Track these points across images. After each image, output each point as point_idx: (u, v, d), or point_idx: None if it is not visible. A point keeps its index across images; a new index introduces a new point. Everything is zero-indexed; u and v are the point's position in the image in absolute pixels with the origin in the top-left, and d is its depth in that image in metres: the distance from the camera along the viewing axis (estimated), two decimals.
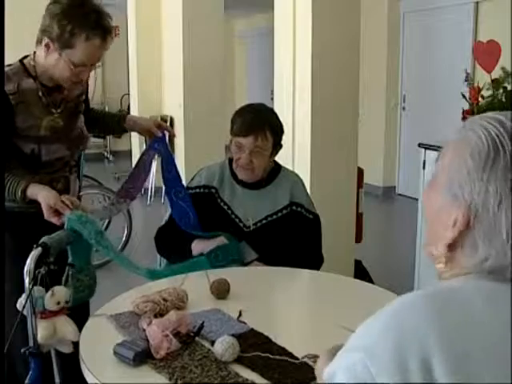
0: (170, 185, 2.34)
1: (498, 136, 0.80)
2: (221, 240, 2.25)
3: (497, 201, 0.78)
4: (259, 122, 2.27)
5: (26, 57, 2.11)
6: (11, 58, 2.13)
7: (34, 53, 2.08)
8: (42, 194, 1.93)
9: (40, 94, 2.07)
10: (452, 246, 0.86)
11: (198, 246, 2.27)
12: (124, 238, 4.91)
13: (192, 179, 2.45)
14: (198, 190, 2.39)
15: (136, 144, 7.43)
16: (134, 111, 7.58)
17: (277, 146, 2.34)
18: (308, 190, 2.52)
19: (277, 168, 2.43)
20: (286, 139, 2.42)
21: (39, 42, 2.02)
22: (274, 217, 2.34)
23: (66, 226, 1.80)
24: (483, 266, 0.82)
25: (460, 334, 0.78)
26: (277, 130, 2.32)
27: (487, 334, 0.79)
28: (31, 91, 2.05)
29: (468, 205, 0.81)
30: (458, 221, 0.83)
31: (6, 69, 2.04)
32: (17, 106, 2.01)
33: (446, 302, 0.81)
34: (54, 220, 1.91)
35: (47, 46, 1.99)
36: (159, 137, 2.32)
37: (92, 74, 2.20)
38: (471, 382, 0.75)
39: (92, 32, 1.95)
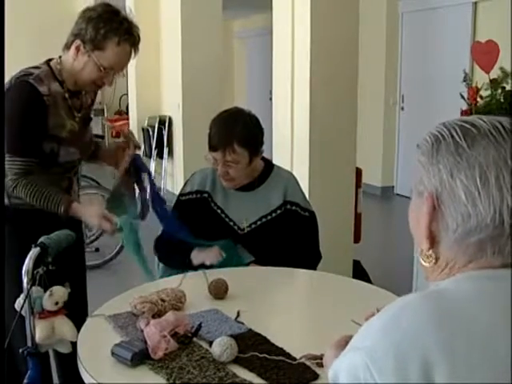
0: (156, 202, 2.30)
1: (438, 131, 0.91)
2: (217, 253, 2.22)
3: (449, 173, 0.86)
4: (226, 138, 2.21)
5: (51, 59, 2.16)
6: (11, 58, 2.14)
7: (60, 57, 2.14)
8: (86, 217, 2.08)
9: (66, 96, 2.14)
10: (432, 240, 0.90)
11: (199, 257, 2.24)
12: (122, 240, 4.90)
13: (184, 185, 2.44)
14: (190, 196, 2.38)
15: None
16: (133, 112, 7.59)
17: (255, 152, 2.28)
18: (306, 190, 2.51)
19: (268, 167, 2.41)
20: (284, 139, 2.42)
21: (68, 46, 2.10)
22: (269, 217, 2.33)
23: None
24: (455, 237, 0.87)
25: (459, 334, 0.79)
26: (247, 139, 2.24)
27: (485, 333, 0.80)
28: (59, 94, 2.11)
29: (429, 191, 0.89)
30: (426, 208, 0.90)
31: (37, 71, 2.08)
32: (48, 108, 2.07)
33: (445, 302, 0.83)
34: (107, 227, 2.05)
35: (78, 48, 2.06)
36: (135, 156, 2.29)
37: None
38: (470, 381, 0.76)
39: (123, 38, 2.07)
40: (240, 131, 2.23)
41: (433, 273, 0.93)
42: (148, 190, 2.30)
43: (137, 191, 2.30)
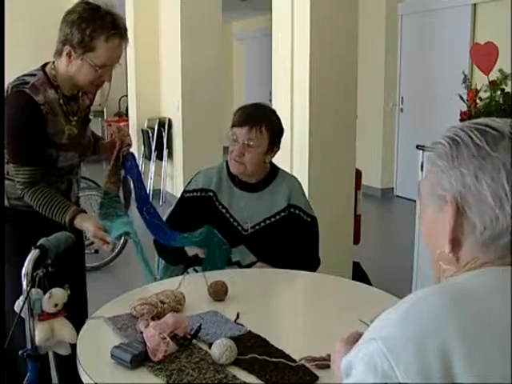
0: (141, 203, 2.28)
1: (454, 134, 0.91)
2: (201, 251, 2.24)
3: (473, 176, 0.86)
4: (257, 116, 2.29)
5: (46, 64, 2.15)
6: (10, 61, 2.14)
7: (53, 62, 2.13)
8: (86, 226, 2.07)
9: (61, 102, 2.13)
10: (455, 243, 0.90)
11: (191, 250, 2.27)
12: (122, 241, 4.91)
13: (189, 183, 2.45)
14: (195, 194, 2.38)
15: (134, 147, 7.43)
16: (133, 113, 7.59)
17: (273, 146, 2.32)
18: (306, 192, 2.52)
19: (274, 171, 2.42)
20: (284, 141, 2.42)
21: (59, 53, 2.08)
22: (273, 219, 2.34)
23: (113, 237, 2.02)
24: (483, 239, 0.87)
25: (477, 325, 0.80)
26: (274, 128, 2.32)
27: (503, 325, 0.81)
28: (54, 101, 2.11)
29: (452, 194, 0.88)
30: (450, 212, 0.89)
31: (33, 79, 2.07)
32: (46, 116, 2.07)
33: (462, 292, 0.85)
34: (104, 246, 2.06)
35: (69, 54, 2.05)
36: (129, 155, 2.28)
37: None
38: (487, 370, 0.77)
39: (111, 33, 2.03)
40: (270, 116, 2.35)
41: (449, 272, 0.93)
42: (132, 192, 2.29)
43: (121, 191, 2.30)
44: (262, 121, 2.27)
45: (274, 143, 2.33)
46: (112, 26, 2.03)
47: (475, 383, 0.76)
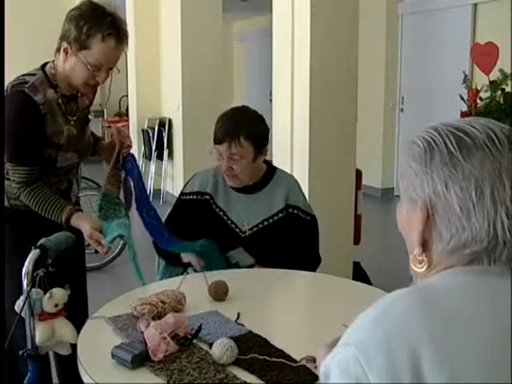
0: (141, 204, 2.28)
1: (431, 137, 0.90)
2: (196, 262, 2.23)
3: (443, 184, 0.87)
4: (233, 129, 2.22)
5: (46, 64, 2.15)
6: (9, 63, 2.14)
7: (53, 61, 2.13)
8: (82, 226, 2.05)
9: (60, 102, 2.13)
10: (425, 245, 0.91)
11: (186, 257, 2.27)
12: (122, 241, 4.90)
13: (185, 186, 2.44)
14: (191, 197, 2.38)
15: (134, 147, 7.43)
16: (133, 113, 7.59)
17: (260, 149, 2.28)
18: (306, 192, 2.51)
19: (271, 170, 2.41)
20: (284, 141, 2.41)
21: (58, 49, 2.08)
22: (270, 221, 2.33)
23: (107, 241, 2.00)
24: (450, 248, 0.88)
25: (446, 325, 0.81)
26: (254, 134, 2.26)
27: (471, 324, 0.82)
28: (54, 100, 2.10)
29: (423, 199, 0.89)
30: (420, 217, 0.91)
31: (32, 79, 2.07)
32: (45, 116, 2.06)
33: (432, 295, 0.86)
34: (99, 248, 2.05)
35: (66, 50, 2.05)
36: (129, 156, 2.28)
37: None
38: (457, 371, 0.78)
39: (107, 33, 2.01)
40: (246, 124, 2.26)
41: (425, 274, 0.94)
42: (133, 193, 2.28)
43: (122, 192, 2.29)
44: (239, 133, 2.21)
45: (260, 147, 2.28)
46: (110, 27, 2.02)
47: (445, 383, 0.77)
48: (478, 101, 3.59)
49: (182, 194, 2.42)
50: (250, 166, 2.28)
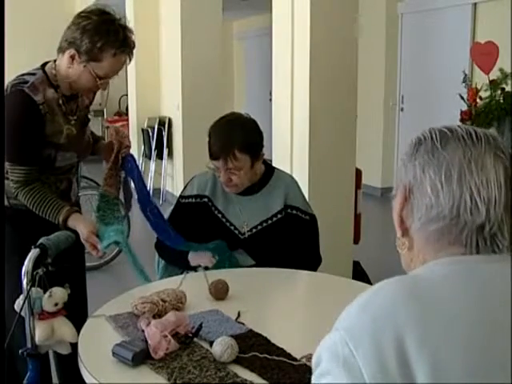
0: (144, 204, 2.26)
1: (422, 134, 1.00)
2: (209, 259, 2.23)
3: (421, 169, 0.95)
4: (227, 146, 2.19)
5: (46, 63, 2.15)
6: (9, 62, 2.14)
7: (55, 60, 2.12)
8: (79, 229, 2.03)
9: (60, 102, 2.13)
10: (403, 225, 0.99)
11: (195, 260, 2.26)
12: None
13: (184, 188, 2.44)
14: (190, 200, 2.37)
15: (134, 146, 7.44)
16: (132, 113, 7.59)
17: (257, 156, 2.26)
18: (306, 191, 2.51)
19: (269, 171, 2.39)
20: (284, 141, 2.41)
21: (62, 51, 2.07)
22: (270, 222, 2.32)
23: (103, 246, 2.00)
24: (420, 224, 0.96)
25: (430, 311, 0.85)
26: (249, 144, 2.22)
27: (454, 312, 0.85)
28: (54, 100, 2.10)
29: (404, 184, 0.98)
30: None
31: (32, 78, 2.07)
32: (45, 115, 2.06)
33: (418, 283, 0.91)
34: (93, 252, 2.04)
35: (72, 57, 2.04)
36: (128, 156, 2.27)
37: None
38: (440, 355, 0.81)
39: (120, 49, 2.05)
40: (239, 137, 2.21)
41: (410, 262, 1.01)
42: (134, 194, 2.28)
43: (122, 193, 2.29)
44: (233, 147, 2.18)
45: (256, 154, 2.26)
46: (123, 43, 2.05)
47: (428, 368, 0.80)
48: (478, 100, 3.59)
49: (180, 197, 2.42)
50: (249, 173, 2.27)
